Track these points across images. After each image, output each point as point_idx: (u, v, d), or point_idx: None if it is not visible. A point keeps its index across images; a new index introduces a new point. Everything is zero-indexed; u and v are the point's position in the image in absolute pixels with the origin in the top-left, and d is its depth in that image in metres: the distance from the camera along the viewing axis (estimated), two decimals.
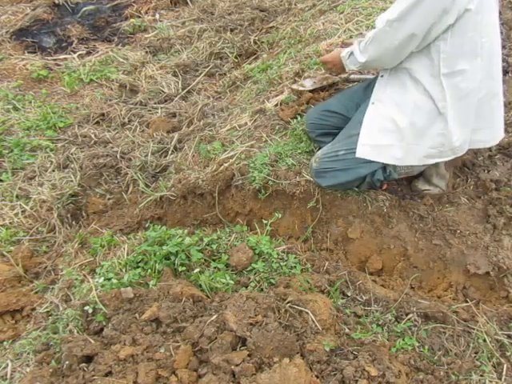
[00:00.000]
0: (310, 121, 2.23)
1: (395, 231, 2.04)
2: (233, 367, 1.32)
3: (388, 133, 1.86)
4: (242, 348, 1.40)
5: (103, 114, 3.28)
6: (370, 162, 1.92)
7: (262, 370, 1.33)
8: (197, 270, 1.81)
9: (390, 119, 1.85)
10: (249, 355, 1.37)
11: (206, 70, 3.75)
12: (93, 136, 3.03)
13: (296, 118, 2.43)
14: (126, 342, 1.45)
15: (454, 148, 1.83)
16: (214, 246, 1.95)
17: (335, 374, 1.38)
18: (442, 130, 1.80)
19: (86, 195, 2.65)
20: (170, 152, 2.90)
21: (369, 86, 2.09)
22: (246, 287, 1.77)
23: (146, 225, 2.30)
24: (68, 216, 2.52)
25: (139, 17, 4.53)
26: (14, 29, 4.24)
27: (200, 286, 1.76)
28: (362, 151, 1.90)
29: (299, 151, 2.29)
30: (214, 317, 1.49)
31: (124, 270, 1.85)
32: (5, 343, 1.78)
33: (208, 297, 1.72)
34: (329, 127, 2.17)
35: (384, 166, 2.01)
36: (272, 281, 1.81)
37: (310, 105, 2.48)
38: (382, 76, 1.92)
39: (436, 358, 1.58)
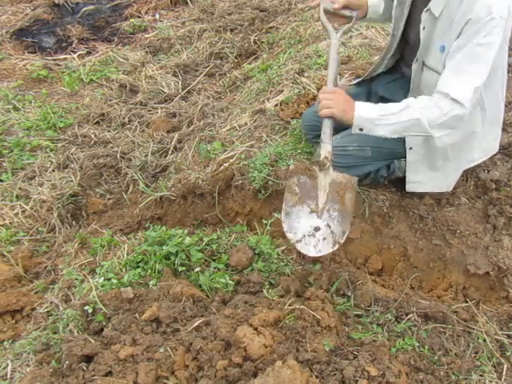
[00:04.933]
0: (305, 123, 2.23)
1: (395, 231, 2.04)
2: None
3: (431, 170, 1.92)
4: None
5: (103, 114, 3.28)
6: (378, 160, 1.92)
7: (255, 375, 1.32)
8: (197, 269, 1.81)
9: (430, 160, 1.90)
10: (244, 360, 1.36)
11: (206, 70, 3.75)
12: (93, 136, 3.03)
13: (296, 118, 2.43)
14: (126, 342, 1.45)
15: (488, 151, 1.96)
16: (214, 246, 1.95)
17: (335, 374, 1.38)
18: (478, 145, 1.90)
19: (86, 195, 2.65)
20: (170, 152, 2.90)
21: (369, 95, 2.08)
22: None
23: (146, 225, 2.30)
24: (68, 216, 2.52)
25: (139, 17, 4.53)
26: (14, 29, 4.24)
27: (200, 286, 1.76)
28: (412, 188, 1.98)
29: (299, 151, 2.29)
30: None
31: (124, 270, 1.85)
32: (5, 343, 1.78)
33: (208, 297, 1.72)
34: None
35: (388, 164, 2.03)
36: (272, 281, 1.81)
37: (310, 105, 2.48)
38: None
39: (436, 358, 1.58)
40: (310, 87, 2.68)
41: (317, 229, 1.58)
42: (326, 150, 1.61)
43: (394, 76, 2.04)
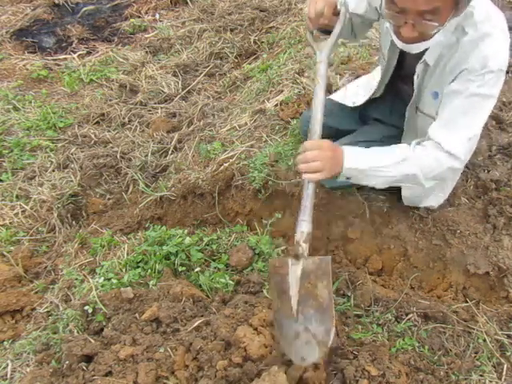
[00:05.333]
0: (305, 127, 2.22)
1: (395, 231, 2.04)
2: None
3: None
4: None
5: (103, 114, 3.28)
6: None
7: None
8: (197, 269, 1.81)
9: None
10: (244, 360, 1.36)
11: (206, 70, 3.75)
12: (93, 136, 3.03)
13: (296, 118, 2.43)
14: (126, 342, 1.45)
15: None
16: (214, 246, 1.95)
17: (336, 374, 1.38)
18: None
19: (86, 195, 2.65)
20: (170, 152, 2.90)
21: (371, 105, 2.02)
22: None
23: (146, 225, 2.30)
24: (68, 216, 2.52)
25: (139, 17, 4.53)
26: (14, 29, 4.24)
27: (200, 286, 1.76)
28: (408, 202, 1.96)
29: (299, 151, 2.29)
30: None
31: (124, 270, 1.85)
32: (5, 343, 1.78)
33: (208, 297, 1.72)
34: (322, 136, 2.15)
35: None
36: None
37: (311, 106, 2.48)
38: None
39: (436, 357, 1.58)
40: (310, 87, 2.68)
41: (296, 335, 1.28)
42: (301, 230, 1.34)
43: (384, 97, 1.96)
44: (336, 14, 1.59)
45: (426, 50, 1.46)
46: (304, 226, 1.34)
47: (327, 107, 2.13)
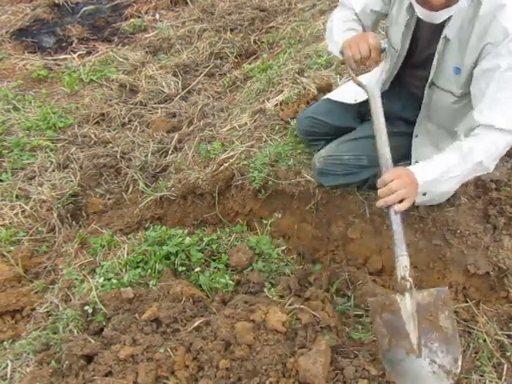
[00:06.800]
0: (301, 127, 2.23)
1: None
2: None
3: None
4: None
5: (103, 114, 3.28)
6: (373, 166, 1.92)
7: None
8: (197, 269, 1.81)
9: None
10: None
11: (206, 69, 3.75)
12: (93, 136, 3.03)
13: (296, 118, 2.43)
14: (126, 342, 1.45)
15: None
16: (214, 246, 1.95)
17: (336, 374, 1.38)
18: None
19: (86, 195, 2.65)
20: (170, 152, 2.90)
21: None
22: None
23: (146, 225, 2.30)
24: (68, 216, 2.52)
25: (139, 17, 4.53)
26: (14, 29, 4.24)
27: (200, 285, 1.76)
28: (420, 201, 1.85)
29: (299, 151, 2.29)
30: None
31: (124, 270, 1.85)
32: (5, 343, 1.77)
33: (208, 297, 1.72)
34: (319, 134, 2.16)
35: None
36: (272, 281, 1.81)
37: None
38: (416, 136, 1.85)
39: None
40: (310, 87, 2.69)
41: (420, 370, 1.29)
42: (403, 265, 1.37)
43: (393, 90, 1.95)
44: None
45: (444, 26, 1.50)
46: (404, 260, 1.38)
47: (327, 106, 2.15)
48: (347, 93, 2.10)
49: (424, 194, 1.53)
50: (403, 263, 1.36)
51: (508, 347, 1.63)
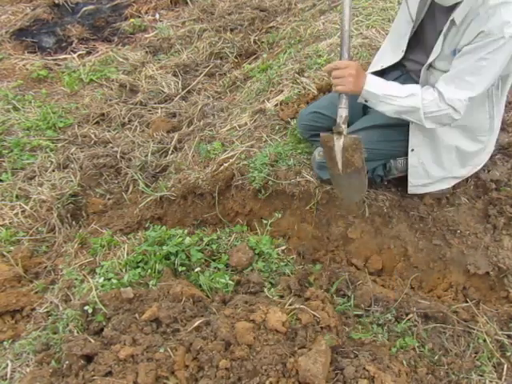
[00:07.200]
0: (301, 122, 2.23)
1: (395, 231, 2.04)
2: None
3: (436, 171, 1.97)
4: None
5: (103, 114, 3.28)
6: (372, 160, 1.92)
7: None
8: (197, 269, 1.81)
9: (434, 162, 1.93)
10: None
11: (206, 69, 3.75)
12: (93, 136, 3.03)
13: (296, 118, 2.43)
14: (126, 342, 1.45)
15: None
16: (214, 246, 1.95)
17: (336, 374, 1.38)
18: (485, 156, 1.99)
19: (86, 195, 2.65)
20: (170, 152, 2.90)
21: None
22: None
23: (146, 225, 2.30)
24: (68, 216, 2.52)
25: (139, 17, 4.53)
26: (14, 29, 4.24)
27: (200, 285, 1.76)
28: (414, 190, 2.04)
29: (299, 151, 2.29)
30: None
31: (124, 270, 1.85)
32: (5, 343, 1.77)
33: (208, 297, 1.72)
34: (321, 129, 2.16)
35: (384, 163, 2.03)
36: (272, 281, 1.81)
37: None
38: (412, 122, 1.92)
39: (436, 357, 1.58)
40: (310, 87, 2.69)
41: (343, 185, 1.92)
42: (340, 115, 1.75)
43: (399, 72, 2.01)
44: None
45: (454, 8, 1.58)
46: (344, 111, 1.73)
47: (329, 99, 2.17)
48: (375, 64, 2.14)
49: (366, 101, 1.77)
50: (341, 113, 1.73)
51: (508, 347, 1.63)
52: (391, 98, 1.70)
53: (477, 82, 1.59)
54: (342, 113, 1.75)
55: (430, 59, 1.72)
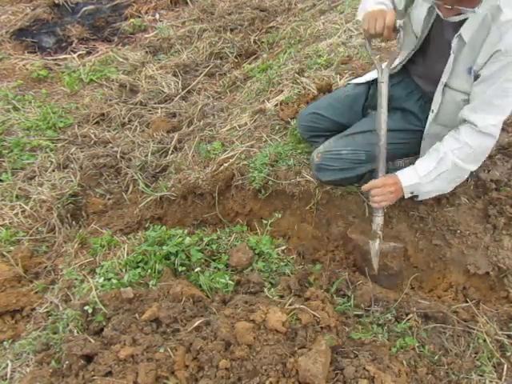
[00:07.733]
0: (301, 122, 2.23)
1: (395, 231, 2.04)
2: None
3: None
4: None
5: (103, 114, 3.28)
6: (371, 161, 1.92)
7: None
8: (197, 269, 1.81)
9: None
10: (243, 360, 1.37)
11: (206, 69, 3.75)
12: (93, 136, 3.03)
13: (296, 118, 2.43)
14: (126, 342, 1.45)
15: None
16: (214, 246, 1.95)
17: (336, 374, 1.38)
18: None
19: (86, 195, 2.65)
20: (170, 152, 2.90)
21: (374, 97, 2.05)
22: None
23: (146, 225, 2.30)
24: (68, 216, 2.52)
25: (139, 17, 4.53)
26: (14, 29, 4.24)
27: (200, 286, 1.76)
28: (408, 197, 1.97)
29: (299, 151, 2.29)
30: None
31: (124, 270, 1.85)
32: (5, 343, 1.77)
33: (208, 297, 1.72)
34: (320, 130, 2.16)
35: None
36: (272, 281, 1.81)
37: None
38: (424, 139, 1.91)
39: (436, 357, 1.58)
40: (310, 87, 2.69)
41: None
42: (377, 223, 1.86)
43: (399, 77, 2.00)
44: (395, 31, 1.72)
45: (462, 24, 1.55)
46: (380, 220, 1.85)
47: (328, 100, 2.16)
48: (361, 77, 2.16)
49: (412, 193, 1.79)
50: (380, 222, 1.84)
51: (508, 347, 1.63)
52: (428, 175, 1.71)
53: (507, 104, 1.58)
54: (380, 221, 1.85)
55: (444, 78, 1.69)
